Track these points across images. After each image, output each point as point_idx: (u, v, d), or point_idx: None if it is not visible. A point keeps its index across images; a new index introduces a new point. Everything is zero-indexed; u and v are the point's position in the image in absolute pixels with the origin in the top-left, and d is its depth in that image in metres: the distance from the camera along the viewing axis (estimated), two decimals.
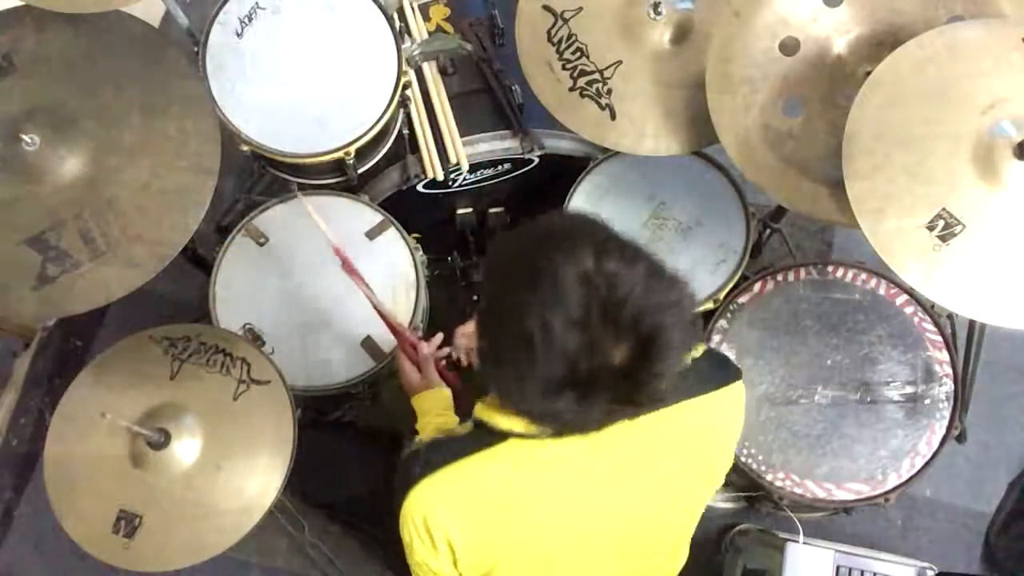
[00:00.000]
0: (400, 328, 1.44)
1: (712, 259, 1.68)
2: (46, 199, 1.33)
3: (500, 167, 1.82)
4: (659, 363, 0.87)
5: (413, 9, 1.89)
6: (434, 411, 1.32)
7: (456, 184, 1.82)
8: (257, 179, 2.08)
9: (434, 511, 1.00)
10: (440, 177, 1.75)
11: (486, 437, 1.01)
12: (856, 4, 1.41)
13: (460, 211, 1.95)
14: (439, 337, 1.46)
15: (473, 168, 1.77)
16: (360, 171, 1.73)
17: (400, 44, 1.66)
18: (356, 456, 1.64)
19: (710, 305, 1.64)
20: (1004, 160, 1.20)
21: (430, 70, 1.82)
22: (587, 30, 1.56)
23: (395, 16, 1.68)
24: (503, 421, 0.99)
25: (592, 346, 0.85)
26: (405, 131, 1.77)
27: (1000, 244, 1.20)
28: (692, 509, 1.14)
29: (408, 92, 1.71)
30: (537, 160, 1.79)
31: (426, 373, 1.38)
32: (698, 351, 1.08)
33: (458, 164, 1.74)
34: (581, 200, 1.74)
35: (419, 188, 1.78)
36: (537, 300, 0.86)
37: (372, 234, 1.67)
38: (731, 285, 1.65)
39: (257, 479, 1.36)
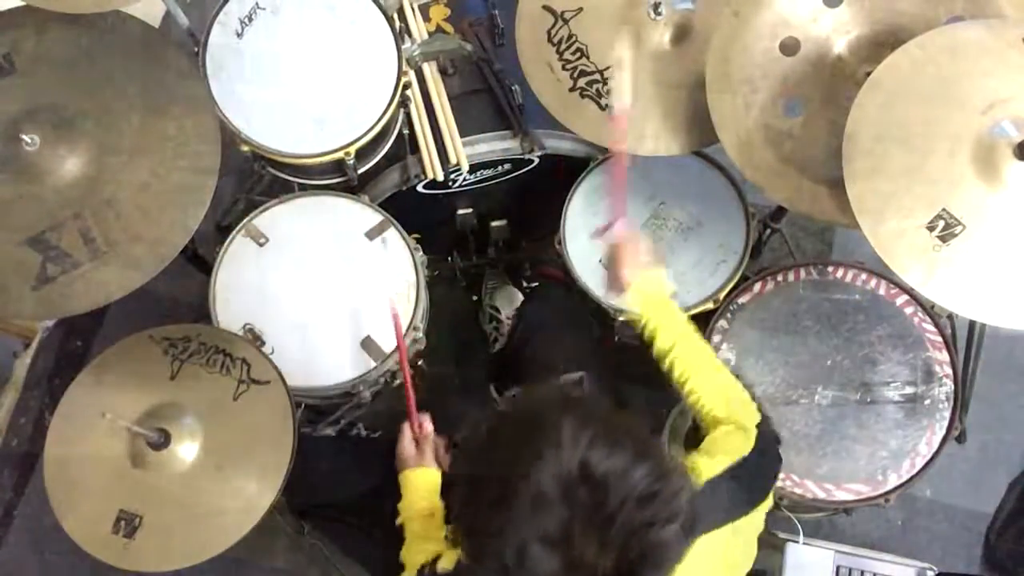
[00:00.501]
0: (415, 407, 1.43)
1: (712, 259, 1.68)
2: (46, 199, 1.33)
3: (500, 167, 1.82)
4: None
5: (413, 9, 1.89)
6: (419, 492, 1.31)
7: (456, 184, 1.81)
8: (257, 179, 2.08)
9: None
10: (440, 177, 1.75)
11: None
12: (856, 4, 1.41)
13: (460, 211, 1.95)
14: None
15: (473, 168, 1.77)
16: (360, 171, 1.73)
17: (400, 44, 1.66)
18: (355, 456, 1.64)
19: (710, 305, 1.63)
20: (1004, 160, 1.20)
21: (430, 70, 1.82)
22: (587, 30, 1.56)
23: (395, 16, 1.69)
24: None
25: (572, 565, 0.78)
26: (405, 131, 1.77)
27: (1000, 244, 1.20)
28: None
29: (408, 92, 1.71)
30: (537, 160, 1.79)
31: (423, 450, 1.37)
32: (720, 467, 1.00)
33: (458, 164, 1.74)
34: (581, 200, 1.74)
35: (419, 188, 1.78)
36: (512, 518, 0.79)
37: (372, 234, 1.67)
38: (731, 285, 1.65)
39: (257, 479, 1.36)
